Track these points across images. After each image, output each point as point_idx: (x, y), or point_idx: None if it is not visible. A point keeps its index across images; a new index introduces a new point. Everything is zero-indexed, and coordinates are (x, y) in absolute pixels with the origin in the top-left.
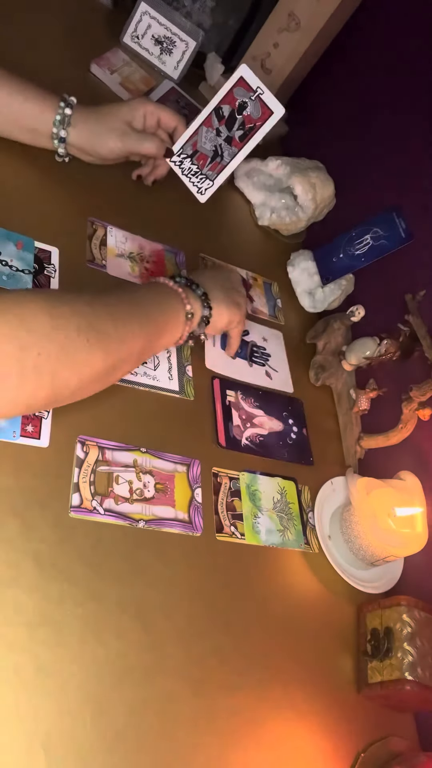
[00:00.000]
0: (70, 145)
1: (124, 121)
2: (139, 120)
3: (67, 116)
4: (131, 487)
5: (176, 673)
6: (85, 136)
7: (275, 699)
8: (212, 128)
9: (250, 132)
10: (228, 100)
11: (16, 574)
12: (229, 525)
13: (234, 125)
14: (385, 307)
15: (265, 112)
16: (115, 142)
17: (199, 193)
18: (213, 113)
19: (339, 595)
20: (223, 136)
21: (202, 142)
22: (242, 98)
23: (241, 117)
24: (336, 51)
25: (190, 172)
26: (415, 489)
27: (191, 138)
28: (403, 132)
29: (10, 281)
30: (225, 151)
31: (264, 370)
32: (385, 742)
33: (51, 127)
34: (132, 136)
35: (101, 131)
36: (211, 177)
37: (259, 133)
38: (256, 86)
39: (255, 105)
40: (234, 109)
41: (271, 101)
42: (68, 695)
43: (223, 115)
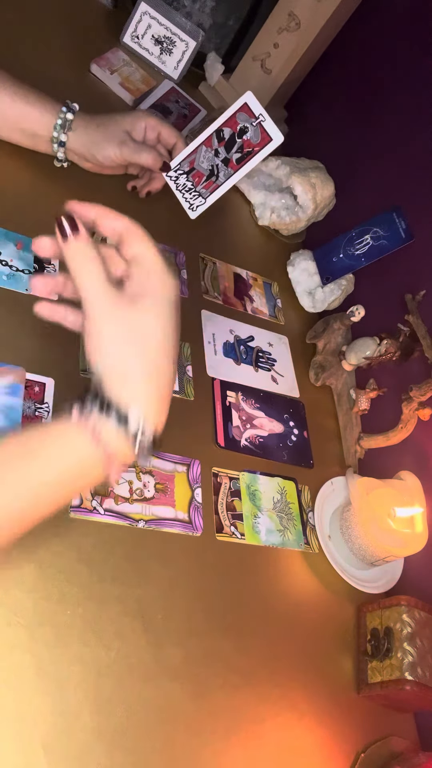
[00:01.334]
0: (69, 150)
1: (124, 131)
2: (140, 131)
3: (68, 121)
4: (131, 487)
5: (176, 673)
6: (84, 141)
7: (275, 699)
8: (211, 148)
9: (247, 156)
10: (230, 123)
11: (16, 574)
12: (229, 525)
13: (233, 148)
14: (385, 307)
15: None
16: (113, 149)
17: (191, 210)
18: (214, 134)
19: (339, 595)
20: (221, 157)
21: (199, 160)
22: (244, 123)
23: (240, 141)
24: (336, 51)
25: (184, 188)
26: (415, 489)
27: (190, 155)
28: (404, 132)
29: (10, 281)
30: (221, 171)
31: (270, 375)
32: (385, 742)
33: (51, 131)
34: (130, 145)
35: (100, 138)
36: (204, 195)
37: (257, 157)
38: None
39: (255, 131)
40: (235, 132)
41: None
42: (68, 695)
43: (224, 137)
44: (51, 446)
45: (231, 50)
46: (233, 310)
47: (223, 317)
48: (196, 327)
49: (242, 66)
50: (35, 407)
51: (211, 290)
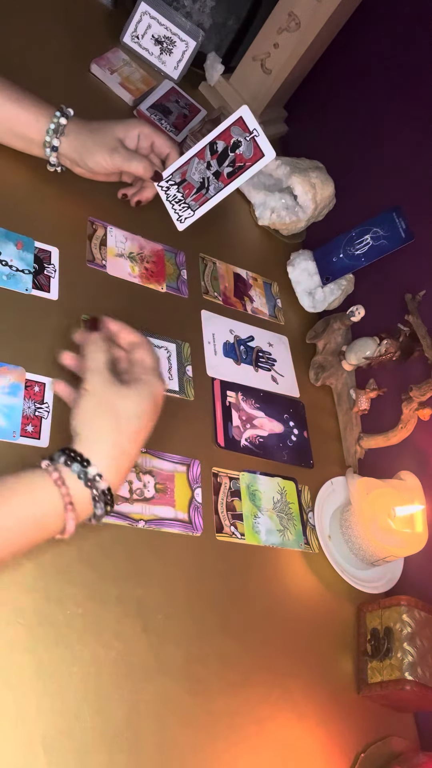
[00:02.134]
0: (61, 155)
1: (117, 138)
2: (132, 139)
3: (61, 126)
4: (131, 487)
5: (176, 673)
6: (75, 146)
7: (275, 699)
8: (204, 160)
9: (238, 170)
10: (224, 137)
11: (16, 574)
12: (229, 525)
13: (225, 161)
14: (385, 307)
15: (257, 153)
16: (104, 156)
17: (179, 221)
18: (207, 146)
19: (339, 595)
20: (213, 170)
21: (191, 172)
22: (238, 137)
23: (233, 155)
24: (336, 51)
25: (174, 199)
26: (415, 489)
27: (182, 167)
28: (404, 132)
29: (10, 281)
30: (211, 184)
31: (270, 375)
32: (385, 742)
33: (44, 135)
34: (121, 153)
35: (92, 144)
36: (193, 207)
37: (248, 172)
38: (252, 128)
39: (248, 145)
40: (228, 145)
41: (265, 145)
42: (68, 695)
43: (217, 150)
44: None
45: (231, 50)
46: (233, 310)
47: (223, 317)
48: (196, 327)
49: (242, 66)
50: (35, 407)
51: (211, 290)
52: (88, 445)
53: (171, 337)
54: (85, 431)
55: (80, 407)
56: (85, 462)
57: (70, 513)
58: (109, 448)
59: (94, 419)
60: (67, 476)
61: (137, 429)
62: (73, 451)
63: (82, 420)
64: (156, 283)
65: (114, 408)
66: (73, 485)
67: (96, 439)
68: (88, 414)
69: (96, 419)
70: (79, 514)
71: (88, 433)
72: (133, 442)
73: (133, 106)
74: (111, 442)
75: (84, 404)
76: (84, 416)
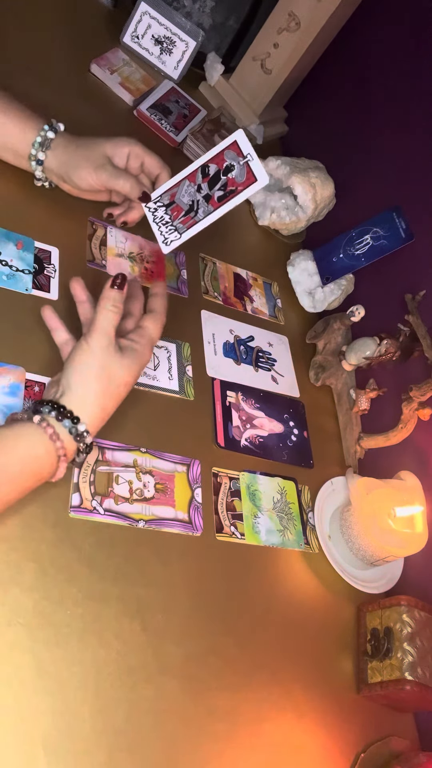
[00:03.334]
0: (47, 170)
1: (105, 155)
2: (121, 158)
3: (48, 139)
4: (131, 487)
5: (176, 673)
6: (61, 161)
7: (275, 699)
8: (194, 183)
9: (229, 195)
10: (216, 160)
11: (16, 574)
12: (229, 525)
13: (216, 185)
14: (385, 307)
15: (250, 178)
16: (89, 172)
17: (164, 243)
18: (199, 169)
19: (339, 595)
20: (203, 193)
21: (181, 194)
22: (231, 161)
23: (225, 179)
24: (336, 51)
25: (161, 221)
26: (415, 489)
27: (172, 188)
28: (404, 132)
29: (10, 281)
30: (201, 208)
31: (270, 375)
32: (385, 742)
33: (30, 148)
34: (108, 170)
35: (78, 159)
36: (180, 230)
37: (239, 197)
38: (247, 152)
39: (241, 170)
40: (220, 169)
41: (258, 170)
42: (68, 695)
43: (208, 173)
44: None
45: (231, 50)
46: (233, 310)
47: (223, 317)
48: (196, 327)
49: (242, 66)
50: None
51: (211, 290)
52: (80, 403)
53: (171, 337)
54: (80, 390)
55: (80, 363)
56: (75, 419)
57: (63, 463)
58: (97, 410)
59: (91, 381)
60: (60, 430)
61: (121, 394)
62: (63, 407)
63: (79, 378)
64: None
65: (110, 374)
66: (65, 438)
67: (88, 401)
68: (86, 374)
69: (93, 381)
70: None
71: (82, 393)
72: (115, 404)
73: (133, 106)
74: (99, 405)
75: (85, 361)
76: (82, 375)
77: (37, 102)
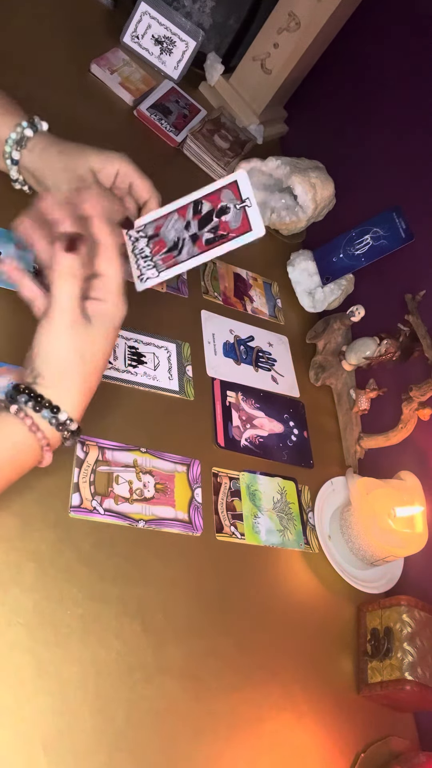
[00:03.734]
0: (23, 170)
1: (89, 168)
2: (108, 176)
3: (25, 137)
4: (131, 487)
5: (176, 673)
6: (38, 165)
7: (275, 699)
8: (184, 219)
9: (219, 240)
10: (212, 198)
11: (16, 574)
12: (229, 525)
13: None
14: (385, 307)
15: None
16: (66, 184)
17: (139, 279)
18: (191, 204)
19: (339, 595)
20: (191, 231)
21: (167, 228)
22: (227, 202)
23: (217, 221)
24: (336, 51)
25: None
26: (415, 489)
27: (159, 219)
28: (404, 132)
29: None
30: (185, 247)
31: (270, 375)
32: (385, 742)
33: (4, 145)
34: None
35: (58, 167)
36: (159, 268)
37: (229, 244)
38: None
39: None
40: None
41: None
42: (68, 695)
43: (201, 211)
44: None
45: (231, 50)
46: (233, 310)
47: (223, 317)
48: (196, 327)
49: (242, 66)
50: None
51: (211, 290)
52: (55, 390)
53: (171, 337)
54: (52, 376)
55: (47, 345)
56: (54, 408)
57: (47, 452)
58: (76, 393)
59: (63, 365)
60: (39, 421)
61: (100, 367)
62: (40, 396)
63: (48, 362)
64: None
65: (82, 353)
66: (46, 428)
67: (63, 386)
68: (55, 358)
69: (63, 365)
70: (53, 447)
71: (54, 379)
72: (96, 379)
73: (133, 106)
74: (77, 388)
75: (50, 343)
76: (50, 358)
77: (37, 102)
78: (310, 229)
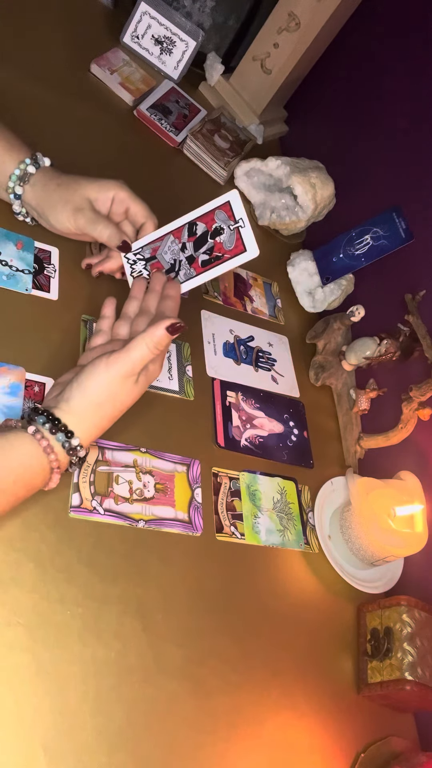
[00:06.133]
0: (26, 204)
1: (86, 198)
2: (104, 203)
3: (28, 174)
4: (131, 487)
5: (176, 673)
6: (39, 199)
7: (275, 699)
8: (179, 241)
9: (215, 261)
10: (206, 219)
11: (16, 574)
12: (229, 525)
13: (202, 247)
14: (385, 307)
15: (238, 247)
16: (67, 215)
17: None
18: (186, 226)
19: (339, 595)
20: (187, 253)
21: (163, 250)
22: (221, 223)
23: (212, 242)
24: (336, 51)
25: (138, 276)
26: (415, 489)
27: (155, 242)
28: (403, 132)
29: (10, 281)
30: (182, 269)
31: (270, 375)
32: (385, 742)
33: (8, 181)
34: (87, 215)
35: (57, 199)
36: None
37: (224, 265)
38: (239, 217)
39: (231, 236)
40: (209, 230)
41: (249, 239)
42: (68, 695)
43: (196, 232)
44: (9, 459)
45: (231, 50)
46: (233, 310)
47: (223, 317)
48: (196, 327)
49: (242, 66)
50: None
51: (211, 290)
52: (75, 419)
53: None
54: (81, 407)
55: (92, 381)
56: (69, 433)
57: (56, 474)
58: (92, 427)
59: (95, 403)
60: (54, 444)
61: (118, 415)
62: (58, 420)
63: (83, 394)
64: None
65: (115, 399)
66: (59, 451)
67: (86, 418)
68: (92, 395)
69: (95, 403)
70: (61, 470)
71: (82, 410)
72: (110, 423)
73: (133, 106)
74: (96, 424)
75: (97, 382)
76: (87, 392)
77: (37, 102)
78: (310, 229)
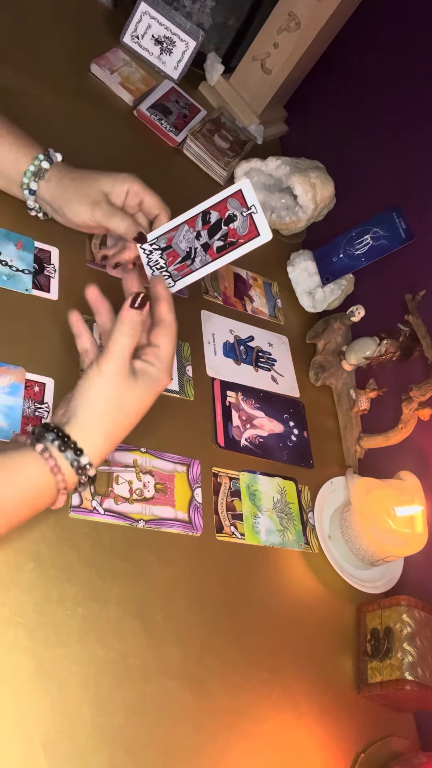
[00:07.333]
0: (40, 200)
1: (101, 191)
2: (119, 195)
3: (42, 169)
4: (131, 487)
5: (176, 673)
6: (55, 194)
7: (275, 699)
8: (194, 229)
9: (229, 246)
10: (219, 208)
11: (16, 574)
12: (229, 525)
13: (216, 234)
14: (385, 307)
15: (252, 231)
16: (84, 209)
17: None
18: (200, 215)
19: (339, 595)
20: (202, 241)
21: (178, 239)
22: (234, 210)
23: (225, 229)
24: (336, 51)
25: (156, 265)
26: (415, 489)
27: (170, 231)
28: (403, 132)
29: (10, 281)
30: (198, 256)
31: (270, 375)
32: (385, 742)
33: (23, 177)
34: (103, 208)
35: (73, 194)
36: (175, 277)
37: (239, 250)
38: (251, 204)
39: (244, 222)
40: (222, 218)
41: (262, 224)
42: (68, 695)
43: (209, 220)
44: (15, 478)
45: (231, 50)
46: (233, 310)
47: (223, 317)
48: (196, 327)
49: (242, 66)
50: (35, 407)
51: (211, 290)
52: (84, 433)
53: None
54: (85, 418)
55: (90, 389)
56: (78, 451)
57: (62, 495)
58: (102, 441)
59: (99, 410)
60: (62, 463)
61: (132, 422)
62: (67, 436)
63: (87, 405)
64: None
65: (121, 403)
66: (67, 471)
67: (93, 431)
68: (94, 401)
69: (101, 411)
70: (68, 491)
71: (86, 422)
72: (124, 433)
73: (133, 106)
74: (105, 435)
75: (95, 388)
76: (90, 402)
77: (37, 102)
78: (310, 229)
